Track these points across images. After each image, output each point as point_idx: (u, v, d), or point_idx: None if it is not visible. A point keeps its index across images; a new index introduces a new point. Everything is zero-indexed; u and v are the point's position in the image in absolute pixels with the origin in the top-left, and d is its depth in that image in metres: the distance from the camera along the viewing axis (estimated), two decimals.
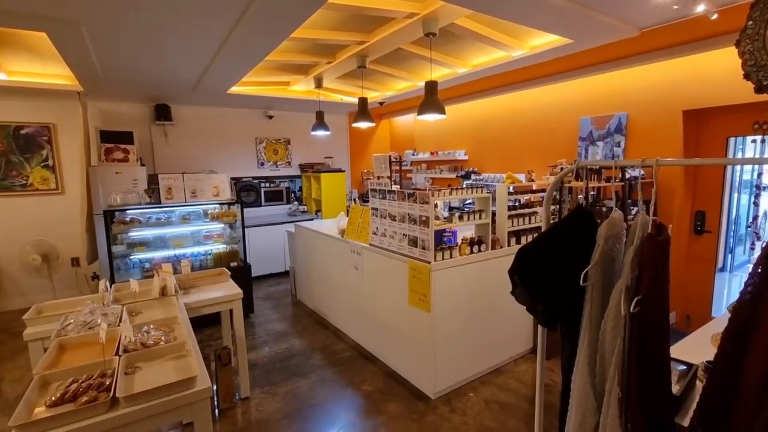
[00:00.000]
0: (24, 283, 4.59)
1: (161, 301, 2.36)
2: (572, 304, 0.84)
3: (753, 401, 0.62)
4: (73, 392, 1.40)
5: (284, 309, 4.50)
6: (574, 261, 0.83)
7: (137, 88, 4.49)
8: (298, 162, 6.49)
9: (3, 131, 4.39)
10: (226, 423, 2.51)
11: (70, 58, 3.30)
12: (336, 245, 3.70)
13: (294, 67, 4.30)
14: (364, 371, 3.09)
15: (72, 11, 2.40)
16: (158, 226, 3.92)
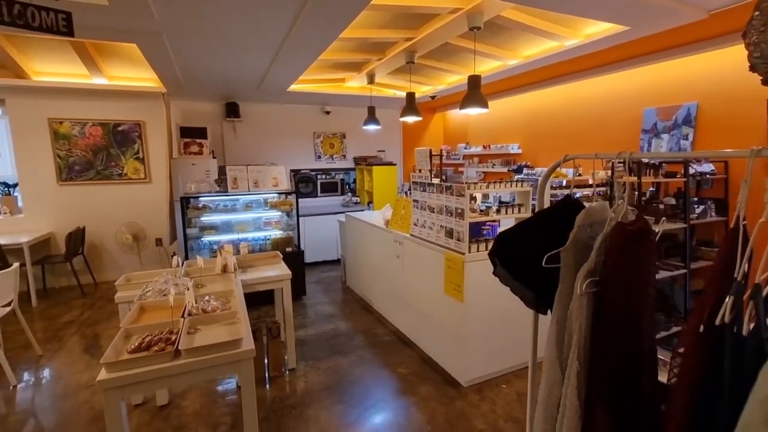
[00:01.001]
0: (119, 258, 5.39)
1: (222, 277, 2.70)
2: (555, 289, 0.91)
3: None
4: (148, 343, 1.72)
5: (334, 294, 4.79)
6: (557, 247, 0.89)
7: (210, 88, 5.01)
8: (353, 155, 6.77)
9: (104, 128, 5.16)
10: (275, 389, 2.80)
11: (155, 64, 3.80)
12: (381, 235, 3.88)
13: (348, 64, 4.52)
14: (401, 355, 3.24)
15: (155, 24, 2.80)
16: (225, 212, 4.38)
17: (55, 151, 4.98)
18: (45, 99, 4.83)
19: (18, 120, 4.80)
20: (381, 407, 2.57)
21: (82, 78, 4.64)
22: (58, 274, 5.10)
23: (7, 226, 4.88)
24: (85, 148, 5.09)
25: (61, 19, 1.45)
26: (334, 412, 2.51)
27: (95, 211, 5.21)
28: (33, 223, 4.97)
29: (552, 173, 1.15)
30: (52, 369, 3.13)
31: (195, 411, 2.55)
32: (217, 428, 2.38)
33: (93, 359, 3.27)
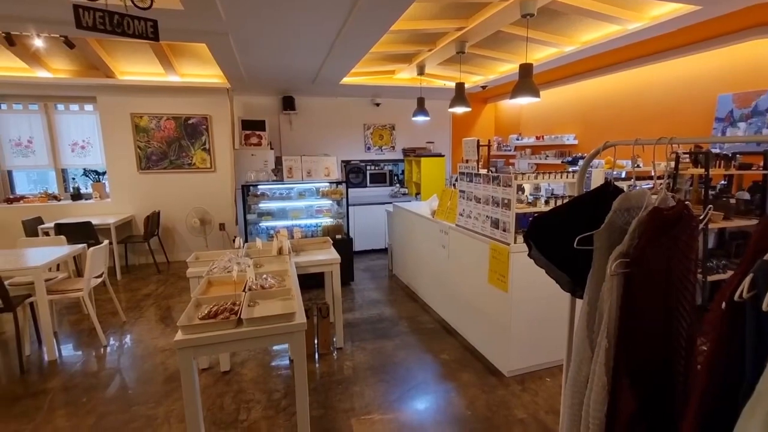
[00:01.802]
0: (188, 240, 5.93)
1: (278, 258, 2.92)
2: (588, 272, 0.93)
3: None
4: (215, 312, 1.94)
5: (380, 281, 4.94)
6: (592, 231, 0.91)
7: (269, 83, 5.32)
8: (401, 146, 6.85)
9: (177, 121, 5.67)
10: (324, 365, 3.00)
11: (221, 61, 4.12)
12: (427, 225, 3.94)
13: (398, 56, 4.59)
14: (444, 342, 3.31)
15: (223, 25, 3.05)
16: (281, 199, 4.67)
17: (135, 143, 5.57)
18: (128, 96, 5.40)
19: (106, 115, 5.43)
20: (423, 389, 2.67)
21: (158, 76, 5.13)
22: (137, 252, 5.73)
23: (97, 208, 5.56)
24: (160, 139, 5.64)
25: (149, 27, 1.68)
26: (378, 390, 2.65)
27: (168, 197, 5.77)
28: (118, 206, 5.63)
29: (591, 160, 1.15)
30: (134, 334, 3.57)
31: (252, 378, 2.81)
32: (271, 395, 2.61)
33: (167, 328, 3.68)
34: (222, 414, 2.42)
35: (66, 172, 5.73)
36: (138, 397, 2.62)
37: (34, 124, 5.45)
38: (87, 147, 5.64)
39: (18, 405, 2.56)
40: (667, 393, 0.83)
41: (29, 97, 5.33)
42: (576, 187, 1.19)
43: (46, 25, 3.19)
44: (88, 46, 4.16)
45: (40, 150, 5.50)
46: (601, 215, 0.94)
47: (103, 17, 1.56)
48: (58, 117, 5.51)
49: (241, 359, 3.05)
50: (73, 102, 5.50)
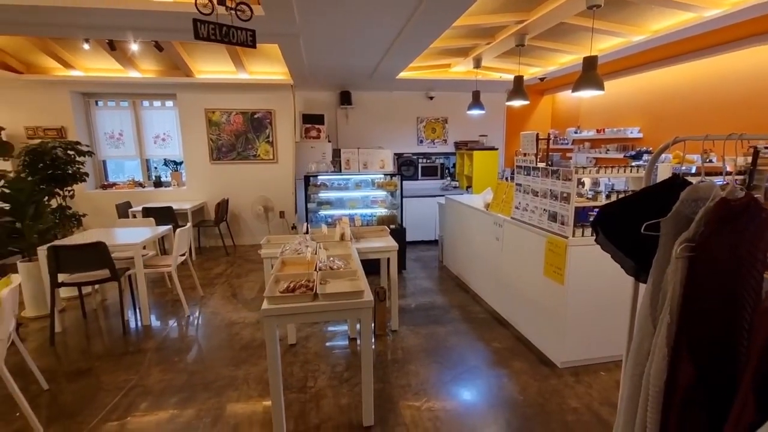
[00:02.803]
0: (252, 226, 6.42)
1: (340, 243, 3.15)
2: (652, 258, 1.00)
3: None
4: (292, 287, 2.19)
5: (431, 271, 5.07)
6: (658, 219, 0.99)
7: (329, 79, 5.59)
8: (454, 140, 6.89)
9: (244, 116, 6.12)
10: (380, 345, 3.21)
11: (289, 60, 4.42)
12: (480, 217, 4.01)
13: (455, 50, 4.65)
14: (495, 332, 3.39)
15: (295, 28, 3.31)
16: (339, 190, 4.94)
17: (208, 136, 6.10)
18: (203, 93, 5.92)
19: (184, 111, 5.99)
20: (475, 373, 2.79)
21: (230, 74, 5.57)
22: (209, 235, 6.30)
23: (176, 195, 6.17)
24: (229, 133, 6.13)
25: (249, 35, 1.93)
26: (432, 371, 2.81)
27: (236, 186, 6.27)
28: (192, 193, 6.21)
29: (659, 156, 1.20)
30: (210, 307, 4.00)
31: (316, 352, 3.08)
32: (334, 367, 2.86)
33: (238, 303, 4.08)
34: (292, 380, 2.70)
35: (149, 161, 6.41)
36: (219, 361, 2.97)
37: (124, 119, 6.13)
38: (167, 139, 6.27)
39: (124, 359, 3.01)
40: (727, 367, 0.91)
41: (121, 95, 6.02)
42: (643, 182, 1.25)
43: (143, 32, 3.63)
44: (172, 49, 4.63)
45: (128, 142, 6.19)
46: (668, 206, 1.02)
47: (215, 29, 1.83)
48: (144, 112, 6.16)
49: (305, 335, 3.34)
50: (156, 99, 6.12)
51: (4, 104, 5.54)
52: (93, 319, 3.76)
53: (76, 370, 2.88)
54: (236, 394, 2.57)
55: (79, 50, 4.76)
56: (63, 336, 3.40)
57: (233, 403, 2.47)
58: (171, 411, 2.41)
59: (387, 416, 2.33)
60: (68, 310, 3.90)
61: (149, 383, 2.70)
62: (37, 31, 3.75)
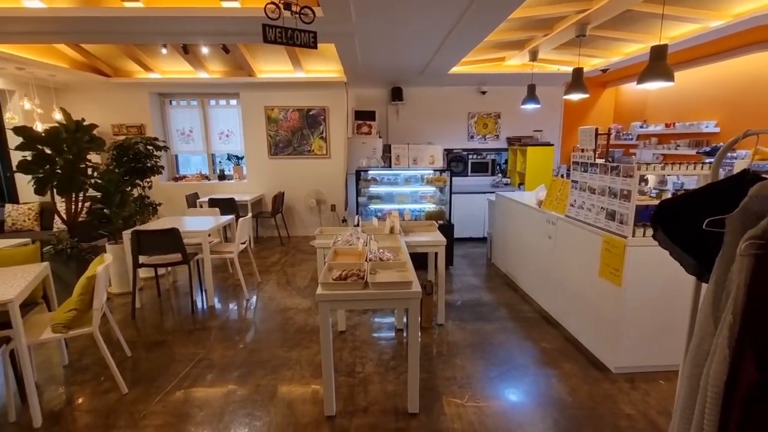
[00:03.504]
0: (305, 218, 6.72)
1: (390, 236, 3.24)
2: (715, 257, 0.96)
3: None
4: (344, 275, 2.31)
5: (479, 268, 5.03)
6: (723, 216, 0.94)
7: (381, 76, 5.69)
8: (506, 135, 6.72)
9: (300, 113, 6.41)
10: (426, 337, 3.27)
11: (344, 59, 4.57)
12: (532, 215, 3.91)
13: (510, 43, 4.54)
14: (545, 332, 3.32)
15: (352, 27, 3.43)
16: (388, 185, 5.03)
17: (267, 132, 6.46)
18: (263, 92, 6.28)
19: (246, 108, 6.39)
20: (522, 371, 2.76)
21: (288, 73, 5.85)
22: (266, 226, 6.69)
23: (237, 187, 6.62)
24: (286, 129, 6.45)
25: (311, 37, 2.07)
26: (478, 366, 2.82)
27: (290, 179, 6.60)
28: (252, 186, 6.62)
29: (728, 150, 1.13)
30: (267, 293, 4.27)
31: (364, 340, 3.20)
32: (381, 355, 2.96)
33: (292, 291, 4.32)
34: (342, 364, 2.84)
35: (214, 156, 6.91)
36: (275, 342, 3.19)
37: (194, 117, 6.67)
38: (230, 135, 6.72)
39: (193, 335, 3.33)
40: None
41: (192, 95, 6.54)
42: (710, 177, 1.19)
43: (213, 36, 3.94)
44: (237, 51, 4.96)
45: (197, 138, 6.73)
46: (734, 203, 0.97)
47: (282, 32, 1.98)
48: (211, 110, 6.65)
49: (354, 323, 3.47)
50: (222, 98, 6.58)
51: (96, 104, 6.25)
52: (166, 298, 4.18)
53: (153, 341, 3.23)
54: (290, 373, 2.75)
55: (157, 55, 5.25)
56: (142, 311, 3.82)
57: (287, 382, 2.65)
58: (232, 384, 2.64)
59: (431, 405, 2.39)
60: (146, 289, 4.36)
61: (214, 358, 2.96)
62: (124, 39, 4.20)
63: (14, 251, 2.82)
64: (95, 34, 3.86)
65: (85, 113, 5.66)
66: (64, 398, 2.50)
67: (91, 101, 6.25)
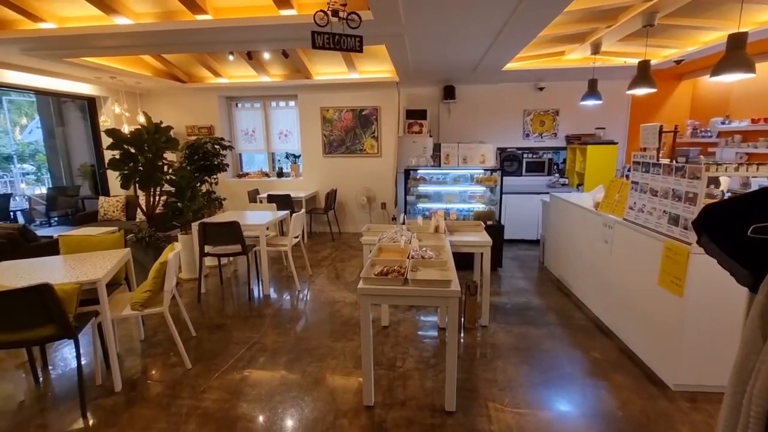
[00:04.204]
0: (355, 215, 6.91)
1: (434, 235, 3.26)
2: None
3: None
4: (386, 271, 2.39)
5: (529, 271, 4.86)
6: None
7: (432, 74, 5.68)
8: (565, 133, 6.39)
9: (354, 113, 6.60)
10: (469, 338, 3.25)
11: (395, 59, 4.64)
12: (588, 217, 3.72)
13: (569, 36, 4.33)
14: (596, 341, 3.14)
15: (401, 28, 3.48)
16: (437, 184, 5.03)
17: (322, 132, 6.73)
18: (319, 93, 6.55)
19: (303, 109, 6.71)
20: (568, 380, 2.65)
21: (342, 74, 6.05)
22: (318, 222, 6.99)
23: (293, 184, 6.98)
24: (340, 129, 6.67)
25: (356, 41, 2.16)
26: (521, 370, 2.76)
27: (343, 177, 6.82)
28: (307, 183, 6.94)
29: None
30: (317, 285, 4.48)
31: (406, 336, 3.26)
32: (422, 353, 3.00)
33: (341, 284, 4.49)
34: (382, 358, 2.92)
35: (274, 155, 7.34)
36: (322, 332, 3.36)
37: (256, 118, 7.13)
38: (288, 135, 7.10)
39: (249, 321, 3.60)
40: None
41: (255, 97, 7.00)
42: None
43: (274, 42, 4.20)
44: (296, 55, 5.23)
45: (259, 138, 7.19)
46: None
47: (329, 38, 2.10)
48: (272, 112, 7.07)
49: (397, 319, 3.55)
50: (281, 99, 6.97)
51: (173, 107, 6.92)
52: (227, 285, 4.54)
53: (215, 324, 3.55)
54: (334, 362, 2.89)
55: (225, 61, 5.69)
56: (206, 296, 4.19)
57: (331, 370, 2.79)
58: (281, 368, 2.83)
59: (469, 405, 2.39)
60: (210, 276, 4.78)
61: (267, 342, 3.19)
62: (197, 48, 4.61)
63: (103, 237, 3.25)
64: (173, 45, 4.29)
65: (164, 116, 6.29)
66: (140, 368, 2.85)
67: (169, 105, 6.93)
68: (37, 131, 9.71)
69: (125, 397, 2.51)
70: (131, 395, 2.53)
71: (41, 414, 2.37)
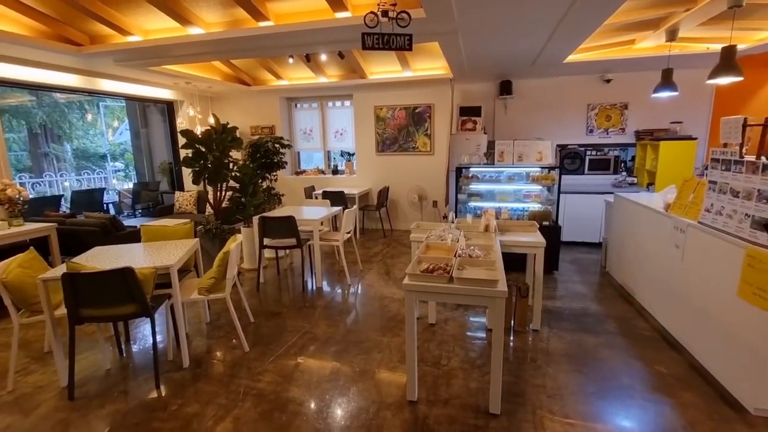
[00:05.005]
0: (407, 213, 6.95)
1: (484, 234, 3.20)
2: None
3: None
4: (431, 269, 2.39)
5: (589, 276, 4.58)
6: None
7: (488, 70, 5.53)
8: (634, 128, 5.90)
9: (407, 111, 6.63)
10: (518, 341, 3.15)
11: (449, 56, 4.60)
12: (657, 220, 3.42)
13: (640, 23, 4.00)
14: (662, 354, 2.90)
15: (454, 24, 3.44)
16: (490, 182, 4.91)
17: (376, 130, 6.84)
18: (373, 92, 6.66)
19: (358, 109, 6.87)
20: (626, 393, 2.48)
21: (396, 73, 6.10)
22: (370, 218, 7.13)
23: (347, 181, 7.18)
24: (393, 127, 6.74)
25: (406, 40, 2.19)
26: (573, 378, 2.63)
27: (395, 175, 6.89)
28: (360, 181, 7.11)
29: None
30: (367, 280, 4.58)
31: (453, 335, 3.24)
32: (468, 353, 2.97)
33: (390, 280, 4.56)
34: (428, 355, 2.94)
35: (330, 153, 7.60)
36: (369, 326, 3.44)
37: (314, 118, 7.42)
38: (344, 134, 7.31)
39: (302, 311, 3.78)
40: None
41: (313, 98, 7.30)
42: None
43: (330, 45, 4.35)
44: (351, 56, 5.37)
45: (316, 136, 7.48)
46: None
47: (378, 38, 2.15)
48: (328, 111, 7.32)
49: (444, 318, 3.53)
50: (337, 99, 7.19)
51: (238, 109, 7.42)
52: (284, 276, 4.81)
53: (271, 312, 3.78)
54: (380, 356, 2.95)
55: (286, 64, 6.00)
56: (264, 286, 4.47)
57: (377, 363, 2.85)
58: (330, 358, 2.95)
59: (515, 410, 2.33)
60: (269, 268, 5.08)
61: (317, 332, 3.34)
62: (260, 54, 4.91)
63: (177, 228, 3.59)
64: (240, 51, 4.61)
65: (231, 117, 6.78)
66: (205, 348, 3.12)
67: (236, 107, 7.44)
68: (126, 133, 10.94)
69: (191, 373, 2.77)
70: (197, 371, 2.79)
71: (123, 382, 2.70)
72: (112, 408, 2.42)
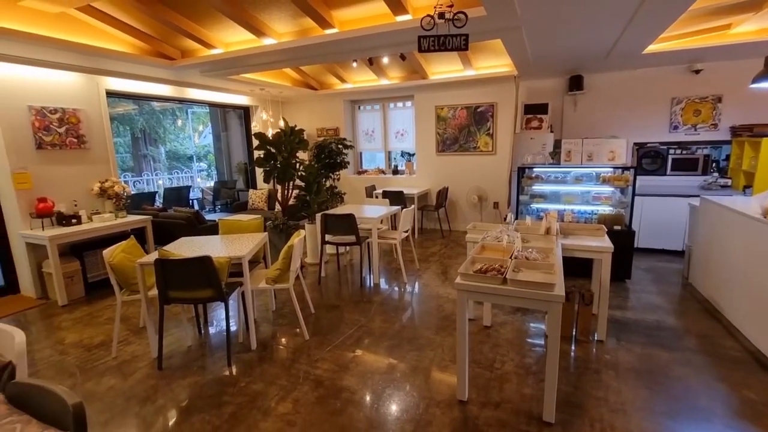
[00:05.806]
0: (466, 213, 6.85)
1: (544, 237, 3.08)
2: None
3: None
4: (485, 269, 2.38)
5: (667, 286, 4.18)
6: None
7: (556, 65, 5.27)
8: (729, 124, 5.24)
9: (468, 110, 6.53)
10: (579, 350, 2.99)
11: (512, 52, 4.46)
12: (751, 226, 3.04)
13: (736, 6, 3.57)
14: (753, 378, 2.57)
15: (517, 20, 3.35)
16: (555, 183, 4.68)
17: (436, 130, 6.84)
18: (435, 92, 6.66)
19: (419, 109, 6.92)
20: (703, 416, 2.25)
21: (457, 72, 6.04)
22: (429, 218, 7.14)
23: (407, 181, 7.26)
24: (454, 127, 6.68)
25: (462, 40, 2.20)
26: (640, 395, 2.44)
27: (455, 175, 6.82)
28: (420, 180, 7.15)
29: None
30: (423, 279, 4.62)
31: (508, 339, 3.16)
32: (524, 358, 2.88)
33: (446, 280, 4.55)
34: (480, 357, 2.91)
35: (390, 153, 7.74)
36: (423, 324, 3.48)
37: (376, 119, 7.61)
38: (404, 134, 7.40)
39: (359, 306, 3.93)
40: None
41: (375, 100, 7.48)
42: None
43: (391, 48, 4.45)
44: (412, 57, 5.44)
45: (377, 137, 7.66)
46: None
47: (434, 40, 2.19)
48: (390, 112, 7.46)
49: (500, 321, 3.46)
50: (399, 100, 7.30)
51: (306, 112, 7.85)
52: (343, 272, 5.02)
53: (330, 304, 3.98)
54: (432, 354, 2.98)
55: (350, 68, 6.23)
56: (326, 280, 4.71)
57: (429, 361, 2.89)
58: (384, 352, 3.04)
59: (572, 421, 2.23)
60: (330, 263, 5.33)
61: (372, 327, 3.46)
62: (326, 59, 5.17)
63: (249, 223, 3.93)
64: (308, 58, 4.90)
65: (299, 120, 7.21)
66: (270, 334, 3.39)
67: (304, 110, 7.88)
68: (209, 136, 12.07)
69: (258, 355, 3.03)
70: (263, 354, 3.05)
71: (201, 358, 3.03)
72: (192, 380, 2.75)
